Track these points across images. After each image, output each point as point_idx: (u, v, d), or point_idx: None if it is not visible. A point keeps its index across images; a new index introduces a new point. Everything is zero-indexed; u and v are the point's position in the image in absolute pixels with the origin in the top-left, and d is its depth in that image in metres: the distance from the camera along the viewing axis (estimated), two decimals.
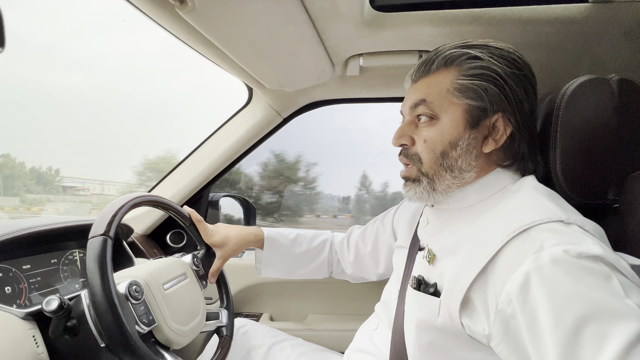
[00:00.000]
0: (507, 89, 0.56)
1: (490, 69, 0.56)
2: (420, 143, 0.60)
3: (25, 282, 0.78)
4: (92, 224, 0.61)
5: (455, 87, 0.57)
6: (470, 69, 0.56)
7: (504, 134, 0.57)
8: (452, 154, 0.58)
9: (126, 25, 20.69)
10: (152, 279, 0.67)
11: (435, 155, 0.59)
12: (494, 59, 0.56)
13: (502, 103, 0.56)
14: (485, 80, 0.56)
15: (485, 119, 0.57)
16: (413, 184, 0.62)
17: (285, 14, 0.66)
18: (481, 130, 0.57)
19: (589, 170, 0.58)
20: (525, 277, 0.43)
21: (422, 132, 0.60)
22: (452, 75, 0.58)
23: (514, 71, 0.56)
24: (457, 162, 0.58)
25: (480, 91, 0.56)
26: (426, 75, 0.60)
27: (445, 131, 0.58)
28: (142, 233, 1.22)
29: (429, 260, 0.59)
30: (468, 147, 0.57)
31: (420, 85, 0.61)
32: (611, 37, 0.74)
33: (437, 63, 0.59)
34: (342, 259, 0.98)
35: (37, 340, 0.62)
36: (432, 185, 0.60)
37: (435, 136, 0.58)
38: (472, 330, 0.49)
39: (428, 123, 0.59)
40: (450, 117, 0.58)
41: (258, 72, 0.90)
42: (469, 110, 0.57)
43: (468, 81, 0.56)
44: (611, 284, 0.41)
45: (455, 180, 0.59)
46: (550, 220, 0.46)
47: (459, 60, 0.57)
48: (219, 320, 0.84)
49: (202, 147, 1.21)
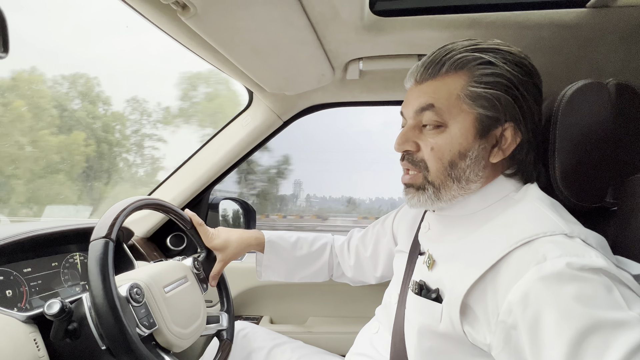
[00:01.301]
0: (520, 98, 0.54)
1: (504, 77, 0.53)
2: (426, 150, 0.57)
3: (26, 285, 0.78)
4: (93, 227, 0.62)
5: (467, 94, 0.54)
6: (484, 75, 0.53)
7: (512, 144, 0.55)
8: (461, 165, 0.55)
9: (130, 30, 20.29)
10: (153, 282, 0.67)
11: (443, 164, 0.56)
12: (508, 66, 0.53)
13: (515, 113, 0.54)
14: (499, 88, 0.53)
15: (495, 129, 0.55)
16: (417, 191, 0.59)
17: (285, 18, 0.66)
18: (490, 139, 0.55)
19: (587, 173, 0.58)
20: (527, 287, 0.43)
21: (428, 139, 0.57)
22: (463, 80, 0.54)
23: (526, 79, 0.54)
24: (465, 173, 0.55)
25: (494, 100, 0.53)
26: (434, 77, 0.57)
27: (455, 140, 0.55)
28: (143, 236, 1.22)
29: (428, 266, 0.59)
30: (477, 157, 0.55)
31: (427, 88, 0.57)
32: (608, 41, 0.75)
33: (447, 66, 0.55)
34: (343, 262, 0.98)
35: (38, 344, 0.62)
36: (438, 194, 0.58)
37: (443, 145, 0.55)
38: (474, 338, 0.49)
39: (435, 130, 0.56)
40: (459, 125, 0.55)
41: (259, 76, 0.91)
42: (479, 119, 0.54)
43: (481, 89, 0.53)
44: (613, 295, 0.41)
45: (461, 191, 0.57)
46: (554, 233, 0.46)
47: (471, 64, 0.54)
48: (219, 324, 0.84)
49: (202, 150, 1.21)
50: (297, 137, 6.13)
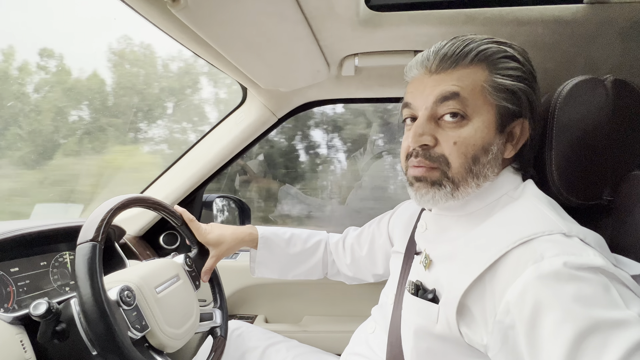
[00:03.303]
0: (534, 93, 0.55)
1: (525, 71, 0.54)
2: (448, 144, 0.54)
3: (14, 285, 0.76)
4: (82, 226, 0.60)
5: (492, 85, 0.53)
6: (508, 68, 0.53)
7: (522, 139, 0.55)
8: (483, 160, 0.53)
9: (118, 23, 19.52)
10: (144, 283, 0.66)
11: (467, 159, 0.53)
12: (527, 61, 0.55)
13: (529, 108, 0.55)
14: (522, 81, 0.53)
15: (511, 123, 0.55)
16: (432, 187, 0.55)
17: (280, 13, 0.65)
18: (504, 135, 0.55)
19: (585, 170, 0.58)
20: (525, 287, 0.43)
21: (449, 132, 0.54)
22: (486, 72, 0.53)
23: (534, 75, 0.56)
24: (485, 169, 0.54)
25: (519, 93, 0.53)
26: (455, 67, 0.54)
27: (478, 134, 0.53)
28: (135, 235, 1.20)
29: (425, 266, 0.58)
30: (497, 153, 0.54)
31: (448, 77, 0.54)
32: (606, 37, 0.74)
33: (472, 56, 0.53)
34: (338, 260, 0.97)
35: (24, 345, 0.60)
36: (455, 192, 0.55)
37: (468, 138, 0.53)
38: (471, 339, 0.49)
39: (457, 123, 0.53)
40: (483, 117, 0.53)
41: (252, 72, 0.89)
42: (501, 113, 0.54)
43: (508, 81, 0.53)
44: (610, 294, 0.41)
45: (475, 188, 0.55)
46: (552, 233, 0.46)
47: (495, 57, 0.53)
48: (212, 321, 0.83)
49: (195, 147, 1.20)
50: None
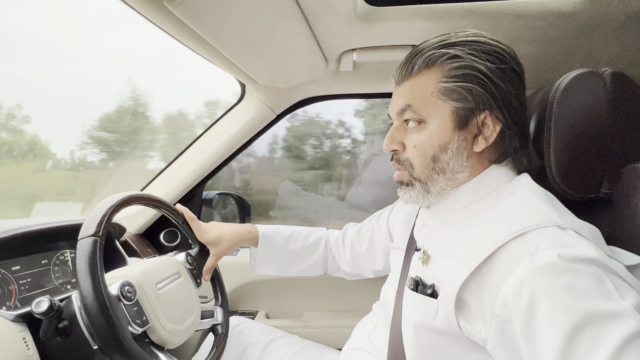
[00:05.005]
0: (492, 86, 0.55)
1: (472, 68, 0.54)
2: (410, 148, 0.60)
3: (15, 283, 0.76)
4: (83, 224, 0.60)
5: (439, 90, 0.56)
6: (452, 69, 0.55)
7: (493, 132, 0.56)
8: (443, 157, 0.57)
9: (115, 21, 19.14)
10: (145, 279, 0.66)
11: (426, 160, 0.58)
12: (475, 56, 0.55)
13: (488, 101, 0.55)
14: (469, 80, 0.55)
15: (473, 119, 0.56)
16: (407, 187, 0.62)
17: (277, 8, 0.65)
18: (470, 129, 0.57)
19: (583, 163, 0.58)
20: (521, 280, 0.43)
21: (411, 137, 0.60)
22: (435, 76, 0.56)
23: (499, 66, 0.55)
24: (449, 165, 0.58)
25: (465, 92, 0.55)
26: (409, 77, 0.59)
27: (434, 135, 0.57)
28: (136, 232, 1.21)
29: (423, 261, 0.59)
30: (458, 148, 0.57)
31: (404, 89, 0.60)
32: (604, 30, 0.74)
33: (419, 65, 0.57)
34: (338, 256, 0.97)
35: (27, 343, 0.61)
36: (426, 188, 0.60)
37: (425, 141, 0.58)
38: (470, 333, 0.49)
39: (416, 128, 0.59)
40: (437, 120, 0.57)
41: (250, 68, 0.89)
42: (455, 112, 0.56)
43: (451, 83, 0.55)
44: (604, 286, 0.41)
45: (448, 182, 0.59)
46: (547, 225, 0.46)
47: (440, 60, 0.56)
48: (214, 318, 0.83)
49: (194, 144, 1.20)
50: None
